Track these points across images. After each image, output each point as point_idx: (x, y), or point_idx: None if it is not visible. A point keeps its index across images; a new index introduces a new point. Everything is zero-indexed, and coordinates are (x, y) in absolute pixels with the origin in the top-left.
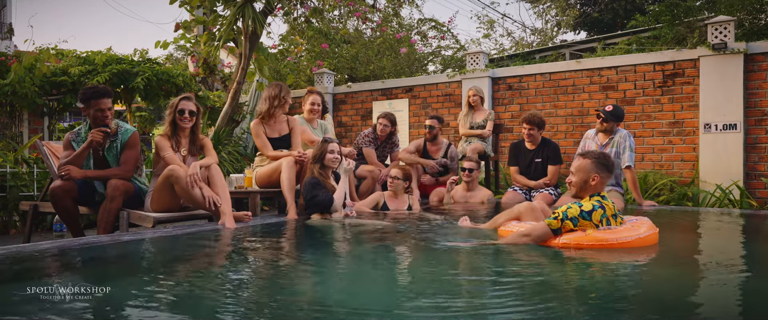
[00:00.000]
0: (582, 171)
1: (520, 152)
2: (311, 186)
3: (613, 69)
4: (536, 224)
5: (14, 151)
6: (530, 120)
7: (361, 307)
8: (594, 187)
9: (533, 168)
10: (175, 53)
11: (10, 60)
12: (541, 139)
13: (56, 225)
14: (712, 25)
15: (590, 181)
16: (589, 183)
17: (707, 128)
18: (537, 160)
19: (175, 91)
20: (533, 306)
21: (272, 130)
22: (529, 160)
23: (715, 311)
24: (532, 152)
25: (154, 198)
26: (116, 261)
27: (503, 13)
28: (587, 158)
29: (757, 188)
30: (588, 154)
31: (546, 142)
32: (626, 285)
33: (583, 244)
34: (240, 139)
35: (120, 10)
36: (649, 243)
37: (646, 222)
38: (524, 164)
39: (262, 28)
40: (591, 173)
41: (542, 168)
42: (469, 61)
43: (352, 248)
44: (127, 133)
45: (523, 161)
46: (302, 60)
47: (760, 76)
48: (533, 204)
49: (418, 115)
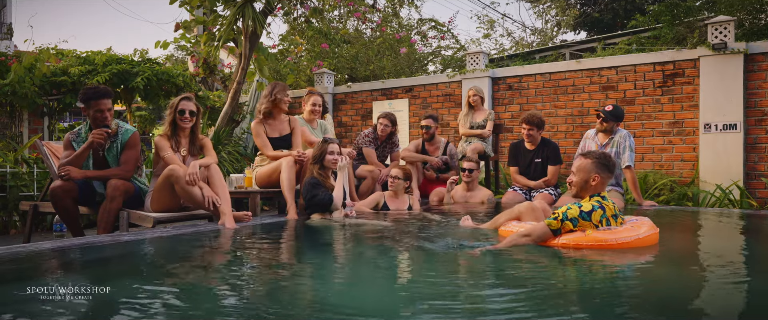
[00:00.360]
0: (582, 172)
1: (520, 152)
2: (311, 186)
3: (613, 69)
4: (536, 224)
5: (14, 151)
6: (529, 120)
7: (362, 307)
8: (594, 187)
9: (533, 168)
10: (175, 53)
11: (10, 60)
12: (540, 139)
13: (56, 225)
14: (712, 25)
15: (591, 181)
16: (590, 184)
17: (707, 128)
18: (537, 160)
19: (175, 91)
20: (533, 308)
21: (273, 129)
22: (529, 160)
23: (715, 311)
24: (532, 152)
25: (154, 198)
26: (116, 261)
27: (503, 13)
28: (588, 158)
29: (757, 188)
30: (589, 154)
31: (546, 142)
32: (623, 285)
33: (582, 245)
34: (240, 139)
35: (120, 10)
36: (649, 243)
37: (646, 223)
38: (524, 164)
39: (262, 28)
40: (591, 173)
41: (542, 169)
42: (469, 61)
43: (352, 248)
44: (127, 134)
45: (523, 161)
46: (302, 60)
47: (760, 76)
48: (534, 204)
49: (418, 115)
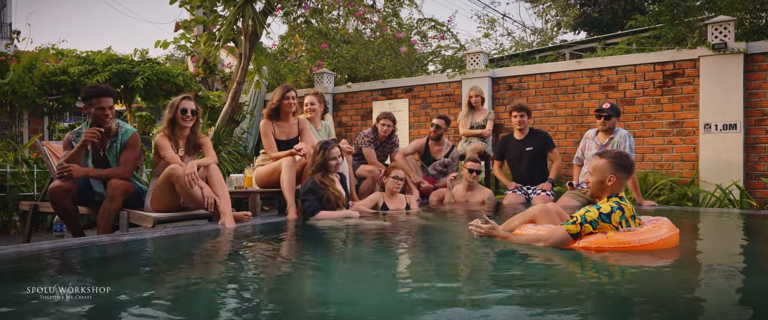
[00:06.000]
0: (598, 172)
1: (509, 144)
2: (307, 190)
3: (613, 69)
4: (554, 228)
5: (14, 151)
6: (520, 107)
7: (362, 308)
8: (611, 188)
9: (525, 157)
10: (175, 53)
11: (10, 59)
12: (529, 129)
13: (56, 225)
14: (712, 25)
15: (607, 182)
16: (606, 184)
17: (707, 128)
18: (528, 149)
19: (175, 91)
20: (547, 311)
21: (281, 131)
22: (520, 150)
23: (714, 311)
24: (522, 142)
25: (154, 198)
26: (116, 261)
27: (503, 13)
28: (604, 158)
29: (757, 188)
30: (605, 153)
31: (534, 131)
32: (638, 286)
33: (605, 247)
34: (240, 139)
35: (120, 10)
36: (671, 244)
37: (666, 223)
38: (515, 155)
39: (262, 28)
40: (607, 173)
41: (534, 157)
42: (469, 61)
43: (352, 248)
44: (128, 134)
45: (514, 152)
46: (302, 60)
47: (760, 76)
48: (548, 207)
49: (418, 114)
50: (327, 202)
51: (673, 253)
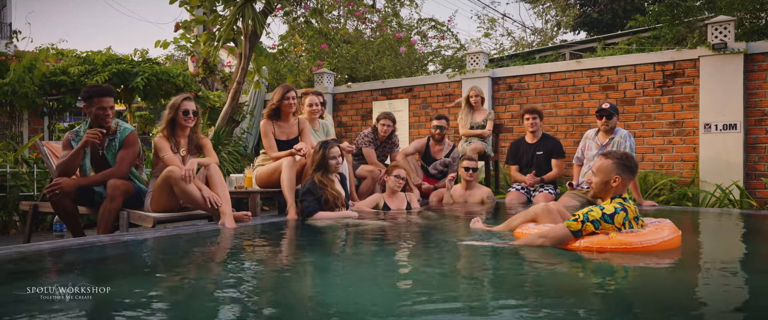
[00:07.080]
0: (602, 172)
1: (521, 147)
2: (306, 191)
3: (613, 69)
4: (555, 226)
5: (14, 151)
6: (533, 109)
7: (362, 308)
8: (615, 189)
9: (535, 161)
10: (175, 53)
11: (10, 59)
12: (542, 133)
13: (56, 225)
14: (712, 25)
15: (611, 183)
16: (610, 185)
17: (707, 128)
18: (538, 153)
19: (175, 91)
20: (547, 311)
21: (281, 131)
22: (531, 153)
23: (714, 311)
24: (534, 146)
25: (154, 198)
26: (116, 261)
27: (503, 13)
28: (609, 158)
29: (757, 188)
30: (610, 153)
31: (547, 137)
32: (638, 286)
33: (606, 248)
34: (240, 139)
35: (120, 10)
36: (673, 246)
37: (668, 225)
38: (526, 159)
39: (262, 28)
40: (612, 174)
41: (544, 161)
42: (469, 61)
43: (352, 248)
44: (126, 132)
45: (525, 156)
46: (302, 60)
47: (760, 76)
48: (550, 206)
49: (418, 114)
50: (325, 203)
51: (674, 253)
